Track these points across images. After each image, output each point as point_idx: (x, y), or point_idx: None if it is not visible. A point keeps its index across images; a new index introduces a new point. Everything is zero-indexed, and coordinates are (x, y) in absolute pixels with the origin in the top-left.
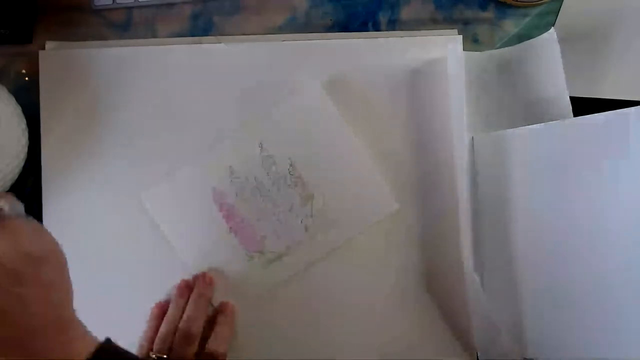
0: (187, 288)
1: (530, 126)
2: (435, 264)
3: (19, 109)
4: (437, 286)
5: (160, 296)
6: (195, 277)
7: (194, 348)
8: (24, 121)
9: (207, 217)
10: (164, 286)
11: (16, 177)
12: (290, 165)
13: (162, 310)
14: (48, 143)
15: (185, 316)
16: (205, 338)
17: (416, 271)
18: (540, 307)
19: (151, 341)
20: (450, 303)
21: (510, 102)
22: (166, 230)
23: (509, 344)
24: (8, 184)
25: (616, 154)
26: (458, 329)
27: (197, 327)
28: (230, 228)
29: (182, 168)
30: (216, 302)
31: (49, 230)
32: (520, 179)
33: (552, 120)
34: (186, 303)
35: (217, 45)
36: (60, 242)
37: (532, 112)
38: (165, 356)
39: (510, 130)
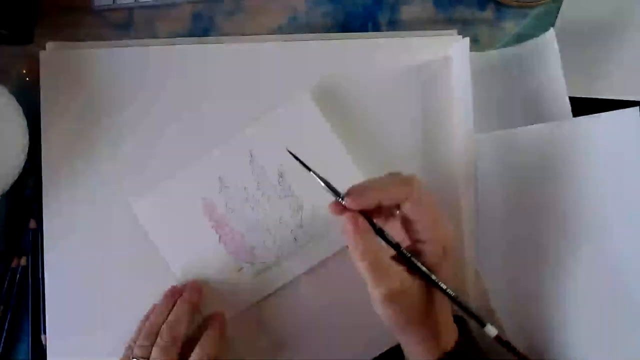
0: (174, 294)
1: (530, 126)
2: None
3: (19, 110)
4: None
5: (148, 304)
6: (184, 284)
7: (174, 352)
8: (25, 121)
9: (197, 227)
10: (153, 294)
11: (17, 177)
12: (280, 175)
13: None
14: (48, 143)
15: (168, 319)
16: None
17: None
18: (541, 307)
19: None
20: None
21: (510, 102)
22: (155, 239)
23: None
24: (9, 184)
25: (616, 153)
26: None
27: (179, 331)
28: (220, 238)
29: (171, 177)
30: (206, 313)
31: (49, 230)
32: (520, 179)
33: (552, 120)
34: (171, 309)
35: (217, 45)
36: (60, 242)
37: (532, 112)
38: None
39: (510, 130)
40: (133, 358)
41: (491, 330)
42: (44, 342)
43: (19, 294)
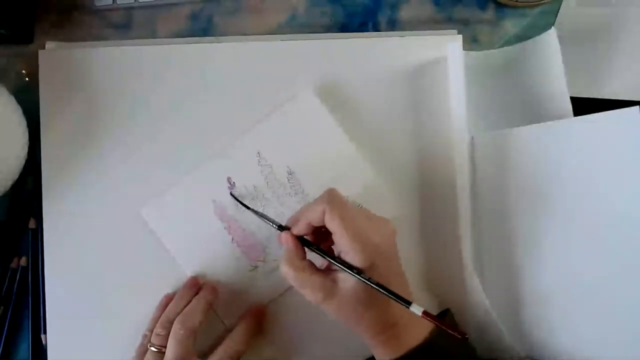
0: (194, 285)
1: (530, 126)
2: (435, 264)
3: (19, 109)
4: (437, 286)
5: (147, 304)
6: (203, 282)
7: (189, 344)
8: (24, 121)
9: (209, 229)
10: (152, 294)
11: (16, 177)
12: (289, 173)
13: (169, 302)
14: (48, 143)
15: (183, 311)
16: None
17: (416, 271)
18: (540, 307)
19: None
20: (451, 303)
21: (510, 102)
22: (167, 243)
23: (510, 344)
24: (8, 183)
25: (616, 153)
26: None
27: (193, 323)
28: (232, 239)
29: (180, 181)
30: (223, 314)
31: (49, 230)
32: (520, 179)
33: (552, 120)
34: (189, 301)
35: (217, 45)
36: (60, 242)
37: (532, 111)
38: (163, 349)
39: (510, 130)
40: (150, 347)
41: (416, 310)
42: (44, 342)
43: (19, 293)
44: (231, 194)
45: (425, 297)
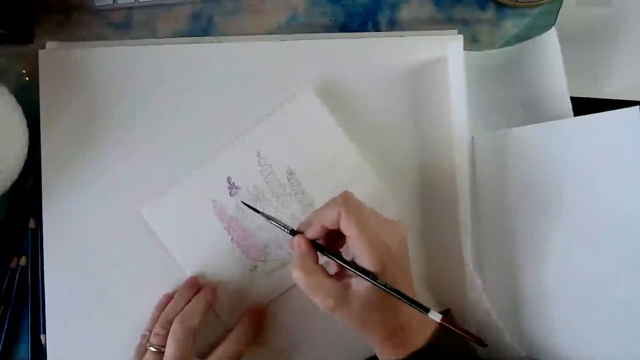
0: (194, 285)
1: (530, 126)
2: (435, 264)
3: (19, 109)
4: (437, 286)
5: (147, 303)
6: (203, 283)
7: (188, 343)
8: (24, 121)
9: (209, 230)
10: (152, 294)
11: (16, 177)
12: (289, 173)
13: (168, 302)
14: (48, 143)
15: (182, 311)
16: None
17: (417, 271)
18: (540, 307)
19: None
20: (451, 303)
21: (510, 102)
22: (167, 243)
23: (510, 344)
24: (8, 183)
25: (616, 153)
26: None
27: (192, 323)
28: (232, 239)
29: (180, 181)
30: (223, 314)
31: (49, 230)
32: (520, 179)
33: (552, 120)
34: (189, 301)
35: (217, 45)
36: (59, 242)
37: (532, 111)
38: (162, 349)
39: (510, 130)
40: (150, 346)
41: (435, 316)
42: (43, 342)
43: (19, 293)
44: (242, 202)
45: (425, 297)
